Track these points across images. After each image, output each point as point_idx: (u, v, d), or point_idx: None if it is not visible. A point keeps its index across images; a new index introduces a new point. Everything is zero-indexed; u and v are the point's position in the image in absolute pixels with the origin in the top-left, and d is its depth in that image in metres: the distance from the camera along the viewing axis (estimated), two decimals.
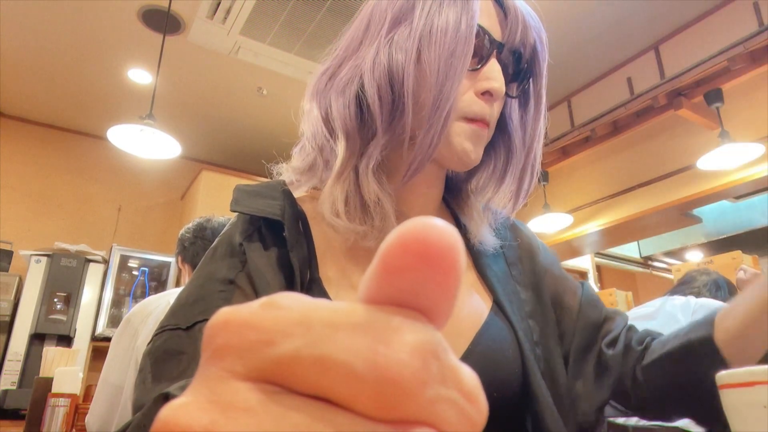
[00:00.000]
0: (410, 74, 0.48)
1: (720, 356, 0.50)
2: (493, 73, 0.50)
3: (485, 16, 0.51)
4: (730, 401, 0.33)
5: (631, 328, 0.61)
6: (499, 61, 0.51)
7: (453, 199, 0.65)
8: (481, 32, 0.50)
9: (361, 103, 0.52)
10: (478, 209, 0.62)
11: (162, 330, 0.45)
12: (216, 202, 4.05)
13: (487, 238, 0.60)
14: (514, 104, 0.58)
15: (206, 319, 0.42)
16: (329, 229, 0.52)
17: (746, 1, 3.09)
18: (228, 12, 3.00)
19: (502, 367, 0.52)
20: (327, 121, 0.53)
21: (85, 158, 4.45)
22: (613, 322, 0.62)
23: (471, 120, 0.50)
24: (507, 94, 0.54)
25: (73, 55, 3.51)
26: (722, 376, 0.34)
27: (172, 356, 0.42)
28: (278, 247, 0.51)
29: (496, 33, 0.52)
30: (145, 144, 2.82)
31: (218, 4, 2.97)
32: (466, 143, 0.50)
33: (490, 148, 0.59)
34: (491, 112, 0.51)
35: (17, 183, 4.12)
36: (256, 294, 0.46)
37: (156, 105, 2.93)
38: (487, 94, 0.50)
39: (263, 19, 3.03)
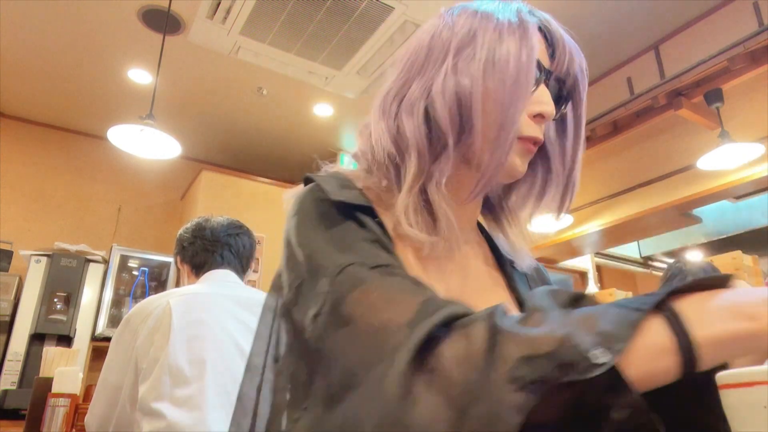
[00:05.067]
0: (479, 99, 0.53)
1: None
2: (545, 97, 0.55)
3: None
4: (730, 401, 0.33)
5: None
6: (547, 86, 0.56)
7: (490, 215, 0.69)
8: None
9: (428, 122, 0.56)
10: (521, 226, 0.66)
11: (348, 264, 0.46)
12: (216, 202, 4.05)
13: (525, 258, 0.64)
14: (551, 125, 0.62)
15: (386, 265, 0.46)
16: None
17: (746, 1, 3.09)
18: (228, 12, 3.00)
19: None
20: (396, 139, 0.56)
21: (85, 158, 4.45)
22: None
23: (524, 139, 0.55)
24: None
25: (73, 55, 3.51)
26: (722, 376, 0.34)
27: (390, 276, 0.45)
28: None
29: (545, 61, 0.57)
30: (145, 144, 2.82)
31: (218, 4, 2.97)
32: (516, 159, 0.56)
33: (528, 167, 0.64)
34: (541, 133, 0.57)
35: (17, 183, 4.12)
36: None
37: (156, 105, 2.92)
38: (539, 117, 0.55)
39: (263, 19, 3.03)
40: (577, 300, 0.41)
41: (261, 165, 4.92)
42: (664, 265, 6.32)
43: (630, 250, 5.94)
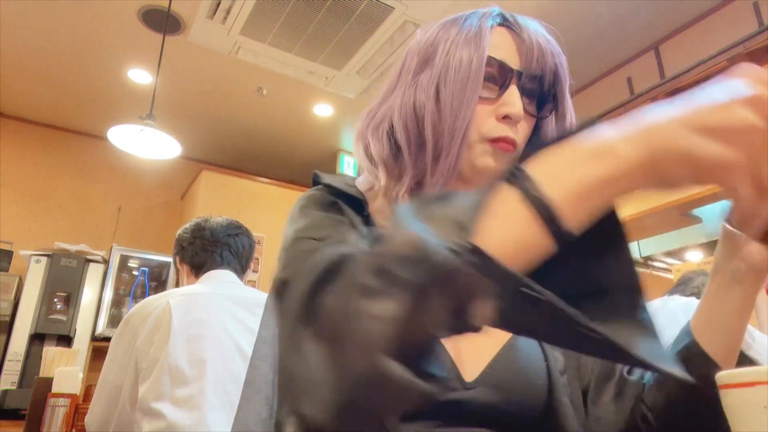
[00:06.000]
0: (430, 110, 0.55)
1: (707, 357, 0.52)
2: (511, 99, 0.55)
3: (503, 48, 0.57)
4: (730, 401, 0.33)
5: None
6: (522, 86, 0.56)
7: None
8: (497, 63, 0.56)
9: (391, 140, 0.60)
10: None
11: (301, 238, 0.48)
12: (216, 202, 4.05)
13: None
14: (552, 127, 0.62)
15: (334, 237, 0.47)
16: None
17: (746, 1, 3.09)
18: (228, 12, 3.00)
19: (529, 375, 0.55)
20: (368, 155, 0.61)
21: (85, 158, 4.45)
22: None
23: (494, 141, 0.56)
24: (538, 116, 0.60)
25: (73, 55, 3.51)
26: (722, 376, 0.34)
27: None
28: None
29: (515, 62, 0.56)
30: (145, 144, 2.82)
31: (218, 4, 2.97)
32: (489, 160, 0.56)
33: None
34: (515, 133, 0.56)
35: (17, 183, 4.12)
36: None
37: (156, 105, 2.92)
38: (506, 118, 0.55)
39: (263, 19, 3.03)
40: (445, 197, 0.38)
41: (261, 165, 4.91)
42: (664, 265, 6.32)
43: None
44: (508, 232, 0.33)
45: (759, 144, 0.31)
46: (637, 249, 6.02)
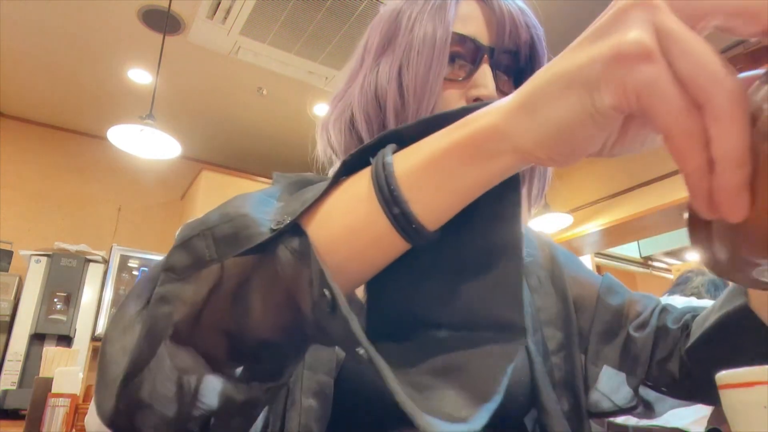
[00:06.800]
0: (392, 96, 0.50)
1: (758, 320, 0.47)
2: (483, 80, 0.49)
3: (472, 22, 0.51)
4: (730, 401, 0.33)
5: (665, 309, 0.60)
6: (495, 64, 0.51)
7: None
8: (466, 40, 0.50)
9: (355, 128, 0.55)
10: None
11: None
12: (216, 202, 3.97)
13: None
14: None
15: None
16: None
17: None
18: (228, 12, 3.00)
19: (512, 376, 0.52)
20: (332, 147, 0.58)
21: (85, 158, 4.45)
22: (639, 304, 0.60)
23: None
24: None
25: (73, 55, 3.51)
26: (722, 376, 0.34)
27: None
28: None
29: (485, 37, 0.51)
30: (145, 144, 2.82)
31: (218, 4, 2.97)
32: None
33: None
34: None
35: (17, 183, 4.12)
36: None
37: (156, 105, 2.93)
38: (478, 101, 0.49)
39: (263, 19, 3.03)
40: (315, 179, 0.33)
41: (261, 165, 4.91)
42: (664, 265, 6.33)
43: (630, 250, 5.94)
44: (347, 212, 0.28)
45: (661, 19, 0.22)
46: (637, 249, 6.03)
